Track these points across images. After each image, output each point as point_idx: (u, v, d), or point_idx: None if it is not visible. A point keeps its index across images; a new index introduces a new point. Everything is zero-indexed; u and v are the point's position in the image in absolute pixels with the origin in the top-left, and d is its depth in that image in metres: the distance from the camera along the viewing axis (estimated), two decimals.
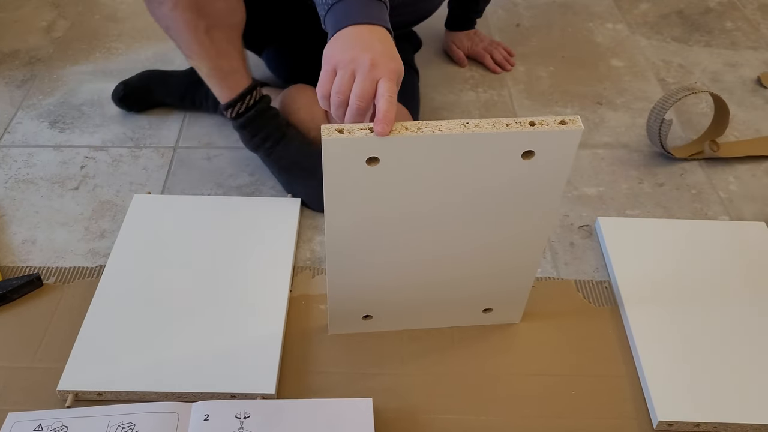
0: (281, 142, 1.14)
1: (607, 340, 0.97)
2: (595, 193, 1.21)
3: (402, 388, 0.89)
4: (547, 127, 0.71)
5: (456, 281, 0.89)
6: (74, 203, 1.16)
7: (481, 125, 0.70)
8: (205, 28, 1.07)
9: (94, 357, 0.89)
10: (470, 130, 0.70)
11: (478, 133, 0.70)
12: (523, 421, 0.87)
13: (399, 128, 0.70)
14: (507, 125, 0.71)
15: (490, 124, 0.71)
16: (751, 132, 1.37)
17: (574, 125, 0.71)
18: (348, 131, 0.69)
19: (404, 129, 0.70)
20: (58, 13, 1.66)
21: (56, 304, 0.98)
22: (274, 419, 0.81)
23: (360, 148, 0.70)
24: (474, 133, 0.70)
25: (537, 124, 0.71)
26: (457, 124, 0.71)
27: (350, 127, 0.70)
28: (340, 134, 0.69)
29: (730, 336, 0.95)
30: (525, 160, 0.74)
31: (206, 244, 1.05)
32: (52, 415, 0.82)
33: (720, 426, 0.86)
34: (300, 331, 0.96)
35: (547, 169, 0.75)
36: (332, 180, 0.73)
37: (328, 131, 0.69)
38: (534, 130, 0.71)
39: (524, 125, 0.71)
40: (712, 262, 1.06)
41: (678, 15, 1.75)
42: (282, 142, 1.14)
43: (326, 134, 0.69)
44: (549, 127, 0.71)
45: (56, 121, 1.33)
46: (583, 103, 1.43)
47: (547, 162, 0.74)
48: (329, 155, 0.71)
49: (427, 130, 0.70)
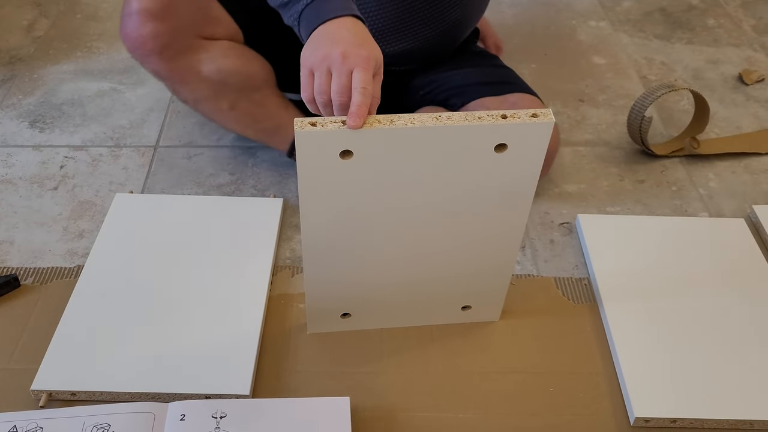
0: None
1: (586, 337, 0.97)
2: (576, 191, 1.21)
3: (380, 387, 0.89)
4: (518, 120, 0.71)
5: (434, 277, 0.89)
6: (53, 203, 1.15)
7: (454, 118, 0.71)
8: (229, 106, 1.10)
9: (70, 357, 0.89)
10: (443, 123, 0.71)
11: (450, 126, 0.70)
12: (501, 418, 0.87)
13: (372, 121, 0.70)
14: (479, 118, 0.71)
15: (463, 117, 0.71)
16: (731, 129, 1.38)
17: (545, 118, 0.72)
18: (321, 124, 0.69)
19: (377, 122, 0.70)
20: (39, 12, 1.65)
21: (34, 305, 0.98)
22: (251, 419, 0.81)
23: (333, 142, 0.70)
24: (447, 126, 0.70)
25: (509, 117, 0.71)
26: (429, 117, 0.71)
27: (323, 120, 0.70)
28: (313, 127, 0.69)
29: (708, 332, 0.95)
30: (498, 153, 0.74)
31: (186, 244, 1.05)
32: (27, 416, 0.82)
33: (696, 421, 0.86)
34: (278, 330, 0.96)
35: (521, 161, 0.76)
36: (306, 174, 0.73)
37: (301, 124, 0.69)
38: (506, 123, 0.71)
39: (496, 118, 0.71)
40: (691, 258, 1.06)
41: (661, 12, 1.76)
42: None
43: (299, 127, 0.69)
44: (521, 119, 0.71)
45: (36, 121, 1.32)
46: (565, 101, 1.43)
47: (520, 155, 0.75)
48: (302, 149, 0.71)
49: (399, 123, 0.70)
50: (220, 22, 1.09)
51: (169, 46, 1.04)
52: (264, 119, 1.13)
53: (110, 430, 0.80)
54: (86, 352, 0.90)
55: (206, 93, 1.09)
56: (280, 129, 1.14)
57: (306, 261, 0.84)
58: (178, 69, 1.06)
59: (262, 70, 1.12)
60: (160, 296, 0.97)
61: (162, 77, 1.09)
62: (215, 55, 1.07)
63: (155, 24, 1.02)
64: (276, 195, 1.16)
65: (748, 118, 1.41)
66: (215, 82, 1.07)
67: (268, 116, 1.13)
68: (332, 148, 0.71)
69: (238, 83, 1.08)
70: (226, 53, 1.07)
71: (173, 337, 0.92)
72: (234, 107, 1.11)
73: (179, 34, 1.04)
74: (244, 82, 1.09)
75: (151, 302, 0.96)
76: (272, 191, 1.18)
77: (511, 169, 0.76)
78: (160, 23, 1.02)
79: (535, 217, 1.16)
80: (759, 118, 1.41)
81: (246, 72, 1.09)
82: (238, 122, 1.14)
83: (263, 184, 1.19)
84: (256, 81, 1.10)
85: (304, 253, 0.82)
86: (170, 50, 1.04)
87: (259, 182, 1.20)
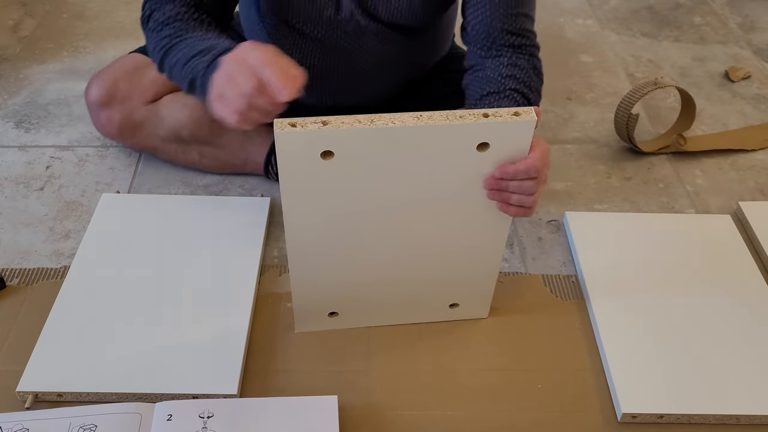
0: None
1: (573, 334, 0.97)
2: (563, 188, 1.22)
3: (368, 385, 0.89)
4: (500, 119, 0.71)
5: (420, 275, 0.89)
6: (39, 204, 1.14)
7: (435, 117, 0.70)
8: (198, 156, 1.17)
9: (56, 358, 0.88)
10: (423, 122, 0.70)
11: (431, 126, 0.70)
12: (489, 415, 0.87)
13: (352, 121, 0.70)
14: (460, 117, 0.71)
15: (444, 117, 0.71)
16: (718, 126, 1.39)
17: (527, 116, 0.71)
18: (300, 125, 0.69)
19: (357, 122, 0.70)
20: (25, 11, 1.64)
21: (19, 305, 0.97)
22: (239, 418, 0.81)
23: (313, 142, 0.70)
24: (427, 126, 0.70)
25: (490, 116, 0.71)
26: (410, 116, 0.70)
27: (303, 121, 0.70)
28: (293, 128, 0.69)
29: (694, 328, 0.96)
30: (480, 152, 0.74)
31: (173, 244, 1.04)
32: (13, 418, 0.81)
33: (683, 417, 0.86)
34: (266, 330, 0.95)
35: (504, 159, 0.75)
36: (288, 175, 0.73)
37: (280, 125, 0.69)
38: (487, 121, 0.71)
39: (478, 117, 0.71)
40: (678, 255, 1.06)
41: (648, 10, 1.76)
42: None
43: (279, 128, 0.69)
44: (502, 118, 0.71)
45: (22, 121, 1.31)
46: (553, 99, 1.43)
47: (502, 153, 0.75)
48: (283, 150, 0.70)
49: (380, 122, 0.70)
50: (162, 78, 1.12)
51: (125, 125, 1.15)
52: (231, 158, 1.18)
53: (96, 430, 0.79)
54: (72, 353, 0.89)
55: (173, 152, 1.18)
56: (248, 162, 1.18)
57: (291, 261, 0.84)
58: (141, 141, 1.17)
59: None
60: (147, 296, 0.97)
61: (137, 150, 1.22)
62: (168, 116, 1.14)
63: (107, 112, 1.15)
64: (263, 194, 1.16)
65: (735, 115, 1.42)
66: (176, 141, 1.16)
67: (234, 155, 1.17)
68: (313, 149, 0.71)
69: (194, 134, 1.15)
70: (179, 109, 1.14)
71: (160, 337, 0.91)
72: (203, 155, 1.17)
73: (130, 111, 1.15)
74: (199, 131, 1.15)
75: (138, 302, 0.96)
76: (260, 190, 1.18)
77: (494, 168, 0.76)
78: (110, 108, 1.14)
79: None
80: (745, 115, 1.42)
81: (199, 121, 1.13)
82: (212, 167, 1.19)
83: (250, 183, 1.19)
84: (212, 125, 1.13)
85: (289, 253, 0.82)
86: (127, 128, 1.16)
87: (246, 182, 1.19)
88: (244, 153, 1.17)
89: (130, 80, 1.14)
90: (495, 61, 0.96)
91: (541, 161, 0.76)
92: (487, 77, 0.96)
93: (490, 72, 0.96)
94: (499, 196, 0.79)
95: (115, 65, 1.17)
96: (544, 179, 0.79)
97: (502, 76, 0.94)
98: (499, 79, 0.94)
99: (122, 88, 1.14)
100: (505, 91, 0.93)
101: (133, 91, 1.14)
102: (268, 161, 1.16)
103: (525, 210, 0.80)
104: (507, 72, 0.94)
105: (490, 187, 0.78)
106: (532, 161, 0.75)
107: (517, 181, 0.77)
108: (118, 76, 1.15)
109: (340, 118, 0.70)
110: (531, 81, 0.96)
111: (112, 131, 1.16)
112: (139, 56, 1.17)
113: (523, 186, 0.77)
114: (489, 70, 0.96)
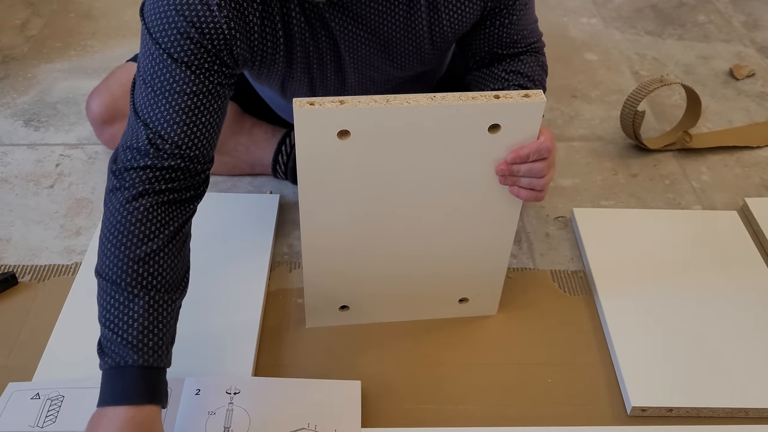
0: None
1: (582, 328, 0.98)
2: (571, 185, 1.22)
3: (379, 380, 0.90)
4: (511, 100, 0.73)
5: (431, 266, 0.90)
6: (49, 201, 1.15)
7: (448, 98, 0.73)
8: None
9: (69, 354, 0.89)
10: (437, 102, 0.72)
11: (444, 105, 0.72)
12: (500, 409, 0.88)
13: (368, 101, 0.72)
14: (473, 98, 0.73)
15: (457, 98, 0.73)
16: (723, 123, 1.39)
17: (537, 98, 0.73)
18: (319, 104, 0.71)
19: (373, 102, 0.72)
20: (32, 11, 1.65)
21: (31, 302, 0.98)
22: (264, 396, 0.83)
23: (330, 120, 0.72)
24: (441, 105, 0.72)
25: (501, 97, 0.73)
26: (424, 97, 0.73)
27: (321, 100, 0.71)
28: (312, 106, 0.70)
29: (702, 322, 0.97)
30: (492, 134, 0.76)
31: None
32: (50, 385, 0.84)
33: (692, 410, 0.87)
34: (277, 325, 0.96)
35: (514, 143, 0.77)
36: (305, 154, 0.75)
37: (299, 103, 0.71)
38: (499, 102, 0.73)
39: (489, 98, 0.73)
40: (685, 250, 1.07)
41: (652, 9, 1.77)
42: None
43: (298, 106, 0.70)
44: (513, 99, 0.73)
45: (31, 120, 1.32)
46: (559, 97, 1.44)
47: (513, 135, 0.76)
48: (301, 127, 0.72)
49: (395, 102, 0.72)
50: None
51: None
52: (239, 163, 1.18)
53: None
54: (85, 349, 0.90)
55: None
56: (255, 165, 1.18)
57: (305, 246, 0.85)
58: None
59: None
60: None
61: None
62: None
63: (110, 128, 1.14)
64: (272, 191, 1.17)
65: (739, 112, 1.42)
66: None
67: (242, 160, 1.18)
68: (330, 127, 0.72)
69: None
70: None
71: None
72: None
73: None
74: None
75: None
76: (268, 188, 1.18)
77: (505, 150, 0.78)
78: (113, 126, 1.13)
79: (531, 211, 1.17)
80: (750, 112, 1.42)
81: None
82: (219, 171, 1.19)
83: (259, 181, 1.20)
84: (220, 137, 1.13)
85: (302, 237, 0.83)
86: None
87: (255, 179, 1.20)
88: (251, 157, 1.17)
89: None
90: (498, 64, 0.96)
91: (552, 142, 0.78)
92: (492, 74, 0.96)
93: (496, 70, 0.96)
94: (510, 180, 0.80)
95: (113, 79, 1.15)
96: (553, 163, 0.81)
97: (507, 71, 0.95)
98: (503, 76, 0.95)
99: (122, 106, 1.12)
100: (510, 87, 0.94)
101: None
102: (276, 161, 1.16)
103: (536, 193, 0.81)
104: (511, 68, 0.95)
105: (502, 172, 0.80)
106: (543, 141, 0.77)
107: (528, 164, 0.78)
108: (117, 93, 1.12)
109: (356, 98, 0.72)
110: (535, 74, 0.96)
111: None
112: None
113: (534, 168, 0.78)
114: (494, 67, 0.96)
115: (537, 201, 0.82)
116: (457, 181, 0.80)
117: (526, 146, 0.77)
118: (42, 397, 0.82)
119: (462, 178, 0.80)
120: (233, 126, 1.16)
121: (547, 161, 0.78)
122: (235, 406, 0.81)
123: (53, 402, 0.82)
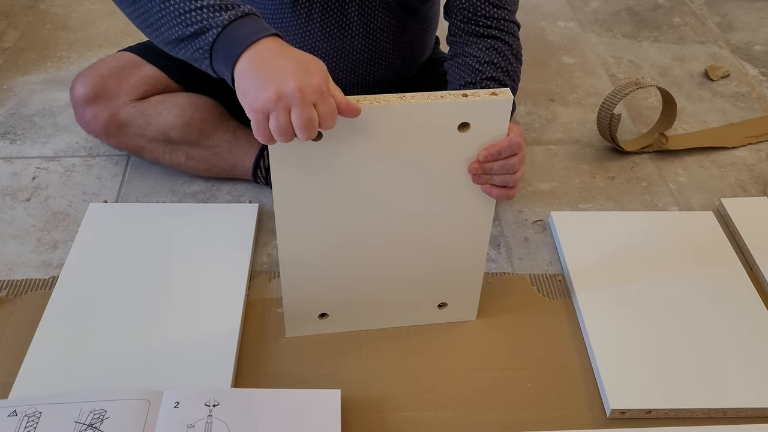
0: None
1: (561, 332, 0.98)
2: (549, 189, 1.23)
3: (359, 388, 0.90)
4: (479, 98, 0.75)
5: (408, 271, 0.90)
6: (26, 215, 1.14)
7: (417, 97, 0.74)
8: (185, 158, 1.17)
9: (45, 369, 0.88)
10: (407, 101, 0.74)
11: (413, 104, 0.74)
12: (480, 415, 0.88)
13: None
14: (441, 97, 0.75)
15: (426, 97, 0.74)
16: (698, 124, 1.41)
17: (504, 95, 0.75)
18: None
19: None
20: (8, 23, 1.64)
21: (8, 317, 0.97)
22: (243, 408, 0.83)
23: None
24: (410, 104, 0.74)
25: (470, 96, 0.75)
26: (394, 97, 0.74)
27: None
28: None
29: (680, 324, 0.97)
30: (462, 132, 0.77)
31: (161, 253, 1.04)
32: (27, 402, 0.83)
33: (670, 411, 0.88)
34: (257, 335, 0.96)
35: (483, 141, 0.79)
36: (278, 157, 0.75)
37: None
38: (467, 101, 0.75)
39: (457, 97, 0.75)
40: (662, 252, 1.08)
41: (628, 12, 1.79)
42: None
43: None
44: (481, 97, 0.75)
45: (7, 133, 1.31)
46: (536, 100, 1.45)
47: (482, 134, 0.78)
48: None
49: (365, 102, 0.73)
50: (151, 78, 1.13)
51: (111, 122, 1.12)
52: (219, 162, 1.17)
53: (106, 415, 0.81)
54: (63, 364, 0.89)
55: (160, 152, 1.16)
56: (236, 166, 1.18)
57: (281, 254, 0.85)
58: (126, 141, 1.15)
59: (204, 111, 1.14)
60: (136, 306, 0.97)
61: (121, 150, 1.20)
62: (156, 116, 1.13)
63: (93, 107, 1.12)
64: (251, 200, 1.16)
65: (715, 113, 1.44)
66: (164, 141, 1.15)
67: (222, 158, 1.17)
68: None
69: (184, 136, 1.14)
70: (168, 109, 1.13)
71: (151, 346, 0.92)
72: (190, 157, 1.17)
73: (116, 109, 1.12)
74: (189, 133, 1.14)
75: (127, 312, 0.96)
76: (247, 197, 1.18)
77: (475, 150, 0.79)
78: (96, 105, 1.12)
79: (509, 215, 1.17)
80: (725, 113, 1.44)
81: (189, 122, 1.13)
82: (197, 169, 1.19)
83: (238, 190, 1.20)
84: (202, 126, 1.14)
85: (279, 244, 0.84)
86: (113, 126, 1.13)
87: (234, 188, 1.20)
88: (233, 156, 1.17)
89: (118, 78, 1.12)
90: (475, 47, 1.00)
91: (521, 138, 0.80)
92: (467, 65, 1.00)
93: (470, 60, 1.00)
94: (483, 179, 0.82)
95: (103, 63, 1.15)
96: (524, 159, 0.83)
97: (481, 62, 0.99)
98: (478, 67, 0.98)
99: (109, 86, 1.11)
100: (483, 81, 0.98)
101: (121, 90, 1.12)
102: (257, 165, 1.16)
103: (508, 191, 0.82)
104: (486, 58, 0.99)
105: (474, 171, 0.81)
106: (513, 137, 0.79)
107: (501, 161, 0.80)
108: (105, 74, 1.12)
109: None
110: (509, 66, 1.00)
111: (97, 128, 1.13)
112: (128, 54, 1.15)
113: (506, 165, 0.80)
114: (469, 58, 1.00)
115: (509, 199, 0.83)
116: (429, 182, 0.81)
117: (497, 144, 0.79)
118: (19, 414, 0.81)
119: (434, 179, 0.81)
120: (218, 121, 1.15)
121: (518, 156, 0.80)
122: (215, 419, 0.81)
123: (30, 419, 0.81)
